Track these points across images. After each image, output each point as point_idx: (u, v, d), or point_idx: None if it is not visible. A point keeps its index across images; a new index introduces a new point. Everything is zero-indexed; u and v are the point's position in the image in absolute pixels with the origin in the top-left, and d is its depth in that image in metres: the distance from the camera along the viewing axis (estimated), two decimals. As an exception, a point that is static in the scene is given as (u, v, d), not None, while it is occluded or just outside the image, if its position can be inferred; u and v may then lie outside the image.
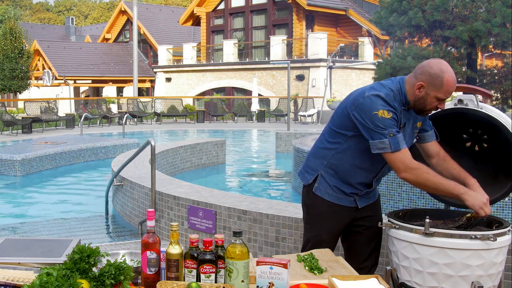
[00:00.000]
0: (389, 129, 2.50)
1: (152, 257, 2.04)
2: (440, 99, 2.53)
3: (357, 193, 2.78)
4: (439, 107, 2.57)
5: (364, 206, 2.84)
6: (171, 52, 31.15)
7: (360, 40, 25.59)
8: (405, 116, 2.62)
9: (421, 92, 2.54)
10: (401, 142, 2.50)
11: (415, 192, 5.88)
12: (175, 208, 5.29)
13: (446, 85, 2.49)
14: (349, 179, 2.75)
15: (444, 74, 2.48)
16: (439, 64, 2.49)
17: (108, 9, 72.68)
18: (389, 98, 2.55)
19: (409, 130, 2.67)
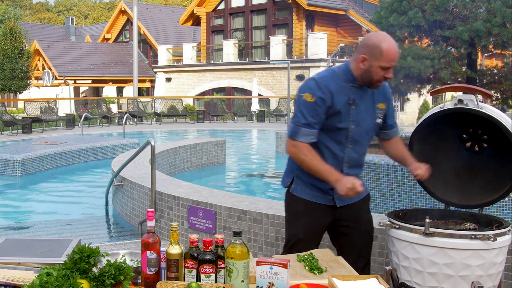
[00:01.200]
0: (299, 118, 2.60)
1: (152, 257, 2.04)
2: (384, 68, 2.56)
3: (333, 188, 2.68)
4: (386, 76, 2.59)
5: (344, 205, 2.79)
6: (171, 52, 31.15)
7: (360, 40, 25.58)
8: (356, 92, 2.65)
9: (364, 65, 2.58)
10: (300, 135, 2.59)
11: (415, 192, 5.88)
12: (175, 208, 5.29)
13: (386, 54, 2.54)
14: None
15: (382, 44, 2.54)
16: (377, 35, 2.59)
17: (108, 9, 72.69)
18: (322, 80, 2.61)
19: (363, 108, 2.68)
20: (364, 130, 2.70)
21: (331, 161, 2.67)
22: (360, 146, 2.73)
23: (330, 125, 2.63)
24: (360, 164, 2.79)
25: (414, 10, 7.95)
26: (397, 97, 10.90)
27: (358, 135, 2.68)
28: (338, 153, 2.68)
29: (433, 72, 7.99)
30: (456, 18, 7.94)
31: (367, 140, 2.77)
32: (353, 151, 2.71)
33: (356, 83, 2.65)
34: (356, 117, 2.65)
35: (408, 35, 8.45)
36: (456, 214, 3.04)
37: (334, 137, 2.65)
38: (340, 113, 2.61)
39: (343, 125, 2.63)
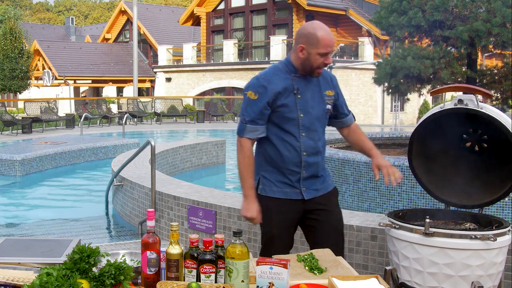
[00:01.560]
0: (244, 116, 2.73)
1: (152, 257, 2.04)
2: (322, 54, 2.66)
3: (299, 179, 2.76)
4: (325, 62, 2.68)
5: (312, 198, 2.82)
6: (171, 52, 31.14)
7: (360, 40, 25.59)
8: (299, 82, 2.74)
9: (303, 54, 2.68)
10: (246, 132, 2.72)
11: (415, 192, 5.88)
12: (175, 208, 5.29)
13: (322, 40, 2.64)
14: (283, 164, 2.77)
15: (317, 31, 2.65)
16: (312, 24, 2.70)
17: (108, 9, 72.68)
18: (264, 76, 2.73)
19: (310, 96, 2.76)
20: (314, 117, 2.77)
21: (289, 153, 2.74)
22: (314, 133, 2.78)
23: (280, 117, 2.72)
24: (318, 151, 2.81)
25: (414, 10, 7.94)
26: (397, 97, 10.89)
27: (308, 123, 2.75)
28: (294, 143, 2.74)
29: (433, 72, 7.99)
30: (456, 18, 7.93)
31: (321, 127, 2.83)
32: (308, 139, 2.76)
33: (298, 73, 2.75)
34: (304, 106, 2.74)
35: (408, 35, 8.44)
36: (456, 214, 3.04)
37: (287, 128, 2.73)
38: (286, 104, 2.70)
39: (292, 115, 2.71)
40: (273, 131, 2.75)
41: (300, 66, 2.73)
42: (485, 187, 2.99)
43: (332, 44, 2.67)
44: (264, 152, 2.81)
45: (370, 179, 6.30)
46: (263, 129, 2.74)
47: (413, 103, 23.39)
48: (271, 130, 2.76)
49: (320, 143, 2.82)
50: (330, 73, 2.92)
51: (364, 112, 24.95)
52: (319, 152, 2.82)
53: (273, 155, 2.78)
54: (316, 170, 2.81)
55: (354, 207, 6.39)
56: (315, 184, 2.83)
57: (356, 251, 4.03)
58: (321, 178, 2.86)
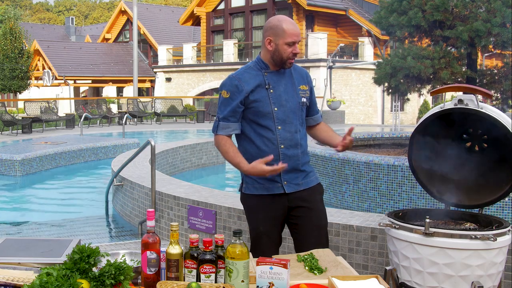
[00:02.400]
0: (218, 114, 2.84)
1: (152, 257, 2.04)
2: (289, 43, 2.74)
3: (280, 173, 2.78)
4: (294, 52, 2.76)
5: (294, 192, 2.84)
6: (171, 52, 31.14)
7: (360, 40, 25.58)
8: (271, 77, 2.82)
9: (272, 46, 2.77)
10: (219, 129, 2.83)
11: (415, 192, 5.88)
12: (175, 208, 5.29)
13: (288, 30, 2.74)
14: (261, 158, 2.75)
15: (281, 22, 2.75)
16: (275, 17, 2.81)
17: (108, 9, 72.69)
18: (235, 75, 2.82)
19: (283, 90, 2.82)
20: (288, 109, 2.82)
21: (266, 147, 2.80)
22: (289, 125, 2.82)
23: (254, 112, 2.80)
24: (297, 144, 2.85)
25: (414, 10, 7.94)
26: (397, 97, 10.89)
27: (283, 115, 2.81)
28: (271, 136, 2.80)
29: (433, 72, 7.99)
30: (456, 18, 7.93)
31: (296, 119, 2.85)
32: (284, 131, 2.81)
33: (269, 69, 2.83)
34: (277, 99, 2.80)
35: (408, 35, 8.44)
36: (456, 214, 3.04)
37: (262, 122, 2.80)
38: (259, 99, 2.78)
39: (266, 109, 2.79)
40: (249, 127, 2.83)
41: (270, 60, 2.81)
42: (485, 187, 2.99)
43: (297, 33, 2.75)
44: (244, 150, 2.86)
45: (370, 179, 6.30)
46: (235, 126, 2.83)
47: (413, 103, 23.40)
48: (247, 126, 2.84)
49: (298, 136, 2.85)
50: (305, 70, 3.01)
51: (364, 112, 24.95)
52: (298, 144, 2.86)
53: (252, 151, 2.83)
54: (296, 163, 2.85)
55: (354, 207, 6.39)
56: (297, 179, 2.86)
57: (356, 251, 4.03)
58: (303, 173, 2.89)
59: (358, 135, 9.36)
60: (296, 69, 2.94)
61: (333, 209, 4.83)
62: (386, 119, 25.16)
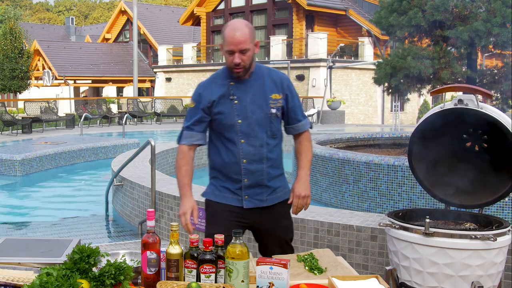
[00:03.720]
0: (184, 123, 2.73)
1: (152, 257, 2.04)
2: (228, 52, 2.57)
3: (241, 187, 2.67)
4: (234, 61, 2.56)
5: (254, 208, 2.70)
6: (171, 52, 31.14)
7: (360, 40, 25.58)
8: (237, 87, 2.65)
9: (223, 53, 2.63)
10: (182, 138, 2.72)
11: (415, 192, 5.88)
12: (175, 208, 5.29)
13: (227, 37, 2.55)
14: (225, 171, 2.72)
15: (226, 28, 2.58)
16: (229, 22, 2.62)
17: (108, 9, 72.69)
18: (201, 85, 2.71)
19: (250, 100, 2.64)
20: (253, 121, 2.64)
21: (229, 160, 2.69)
22: (254, 139, 2.65)
23: (219, 124, 2.68)
24: (261, 158, 2.67)
25: (414, 10, 7.94)
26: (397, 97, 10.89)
27: (247, 128, 2.64)
28: (234, 149, 2.67)
29: (433, 72, 7.99)
30: (456, 18, 7.94)
31: (262, 132, 2.66)
32: (247, 145, 2.65)
33: (235, 78, 2.66)
34: (242, 111, 2.63)
35: (408, 35, 8.44)
36: (456, 214, 3.04)
37: (227, 134, 2.67)
38: (222, 111, 2.64)
39: (229, 121, 2.64)
40: (216, 138, 2.74)
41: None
42: (485, 187, 2.99)
43: (234, 42, 2.53)
44: (210, 160, 2.81)
45: (370, 179, 6.30)
46: (199, 136, 2.70)
47: (413, 103, 23.40)
48: (214, 137, 2.75)
49: (264, 149, 2.67)
50: (283, 76, 2.78)
51: (364, 112, 24.95)
52: (263, 159, 2.67)
53: (216, 162, 2.76)
54: (259, 178, 2.67)
55: (354, 207, 6.39)
56: (261, 194, 2.70)
57: (356, 251, 4.03)
58: (269, 189, 2.71)
59: (358, 135, 9.36)
60: (271, 75, 2.72)
61: (333, 209, 4.83)
62: (386, 119, 25.16)
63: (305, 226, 4.25)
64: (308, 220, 4.24)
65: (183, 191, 2.69)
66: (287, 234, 2.84)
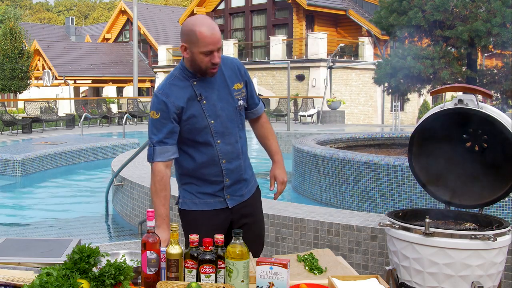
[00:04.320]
0: (151, 139, 2.46)
1: (152, 257, 2.04)
2: (205, 53, 2.37)
3: (223, 187, 2.58)
4: (213, 61, 2.39)
5: (236, 205, 2.62)
6: (171, 52, 31.14)
7: (360, 40, 25.59)
8: (201, 86, 2.48)
9: (188, 53, 2.42)
10: (155, 155, 2.45)
11: (415, 192, 5.88)
12: (175, 208, 5.29)
13: (202, 38, 2.34)
14: (203, 176, 2.57)
15: (196, 28, 2.35)
16: (191, 20, 2.40)
17: (108, 9, 72.70)
18: (161, 91, 2.47)
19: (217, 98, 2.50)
20: (225, 119, 2.53)
21: (207, 164, 2.53)
22: (229, 136, 2.55)
23: (190, 129, 2.49)
24: (238, 154, 2.59)
25: (414, 10, 7.95)
26: (397, 97, 10.90)
27: (221, 127, 2.52)
28: (211, 152, 2.52)
29: (433, 72, 8.00)
30: (456, 18, 7.94)
31: (234, 127, 2.57)
32: (224, 144, 2.54)
33: (196, 77, 2.48)
34: (212, 110, 2.49)
35: (408, 35, 8.45)
36: (456, 214, 3.04)
37: (200, 139, 2.50)
38: (193, 114, 2.47)
39: (202, 124, 2.48)
40: (187, 144, 2.53)
41: (191, 68, 2.46)
42: (485, 187, 2.99)
43: (214, 41, 2.36)
44: (181, 167, 2.59)
45: (370, 179, 6.30)
46: (174, 149, 2.49)
47: (413, 103, 23.39)
48: (184, 143, 2.53)
49: (239, 145, 2.60)
50: (236, 61, 2.62)
51: (364, 112, 24.95)
52: (240, 154, 2.60)
53: (191, 168, 2.56)
54: (239, 174, 2.61)
55: (354, 207, 6.39)
56: (240, 190, 2.64)
57: (356, 251, 4.03)
58: (246, 182, 2.66)
59: (358, 135, 9.36)
60: (227, 64, 2.55)
61: (333, 209, 4.83)
62: (386, 119, 25.16)
63: (305, 226, 4.26)
64: (308, 220, 4.24)
65: (160, 222, 2.42)
66: (262, 229, 2.80)
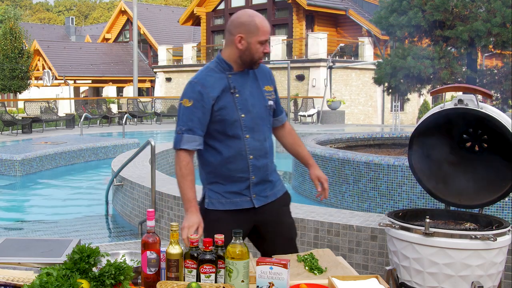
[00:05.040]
0: (180, 126, 2.48)
1: (152, 257, 2.04)
2: (262, 42, 2.48)
3: (249, 185, 2.57)
4: (265, 51, 2.50)
5: (263, 206, 2.61)
6: (171, 52, 31.15)
7: (360, 40, 25.58)
8: (236, 80, 2.53)
9: (242, 44, 2.48)
10: (183, 142, 2.47)
11: (415, 192, 5.88)
12: (175, 208, 5.29)
13: (261, 27, 2.48)
14: (229, 171, 2.56)
15: (254, 18, 2.48)
16: (245, 12, 2.52)
17: (108, 9, 72.69)
18: (196, 80, 2.50)
19: (249, 93, 2.55)
20: (256, 115, 2.56)
21: (234, 158, 2.53)
22: (258, 133, 2.57)
23: (219, 121, 2.50)
24: (266, 153, 2.60)
25: (414, 10, 7.95)
26: (397, 97, 10.90)
27: (251, 122, 2.54)
28: (238, 146, 2.52)
29: (433, 72, 8.00)
30: (456, 18, 7.94)
31: (264, 125, 2.60)
32: (252, 140, 2.54)
33: (233, 71, 2.53)
34: (244, 105, 2.53)
35: (408, 35, 8.45)
36: (456, 214, 3.04)
37: (229, 131, 2.51)
38: (225, 106, 2.49)
39: (232, 116, 2.50)
40: (214, 137, 2.54)
41: (237, 60, 2.51)
42: (485, 187, 2.99)
43: (269, 31, 2.52)
44: (207, 164, 2.58)
45: (370, 179, 6.30)
46: (201, 140, 2.50)
47: (413, 103, 23.39)
48: (212, 136, 2.54)
49: (267, 144, 2.61)
50: (267, 67, 2.72)
51: (364, 112, 24.95)
52: (267, 153, 2.61)
53: (217, 164, 2.55)
54: (265, 174, 2.61)
55: (354, 207, 6.39)
56: (265, 191, 2.63)
57: (356, 251, 4.03)
58: (271, 183, 2.66)
59: (358, 135, 9.36)
60: (259, 67, 2.63)
61: (333, 209, 4.83)
62: (386, 119, 25.16)
63: (305, 226, 4.26)
64: (308, 220, 4.24)
65: (189, 206, 2.50)
66: (293, 231, 2.79)
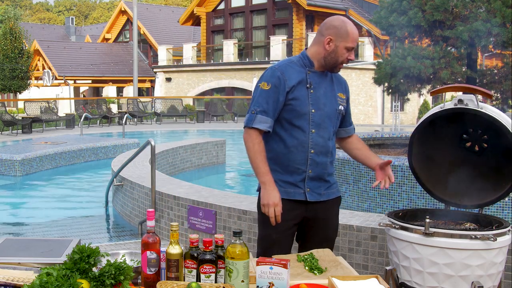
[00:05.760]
0: (255, 106, 2.62)
1: (152, 257, 2.04)
2: (349, 48, 2.65)
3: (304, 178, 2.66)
4: (349, 58, 2.67)
5: (314, 202, 2.69)
6: (171, 52, 31.13)
7: (360, 40, 25.58)
8: (313, 77, 2.67)
9: (330, 46, 2.63)
10: (256, 121, 2.60)
11: (415, 192, 5.88)
12: (175, 208, 5.29)
13: (352, 33, 2.63)
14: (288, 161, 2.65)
15: (347, 24, 2.63)
16: (339, 17, 2.68)
17: (108, 9, 72.69)
18: (278, 67, 2.65)
19: (323, 93, 2.68)
20: (325, 114, 2.67)
21: (295, 149, 2.63)
22: (324, 130, 2.67)
23: (290, 110, 2.62)
24: (327, 151, 2.70)
25: (414, 10, 7.94)
26: (397, 97, 10.90)
27: (319, 119, 2.65)
28: (303, 138, 2.63)
29: (433, 72, 7.99)
30: (456, 18, 7.94)
31: (331, 126, 2.71)
32: (317, 136, 2.65)
33: (313, 68, 2.69)
34: (316, 101, 2.65)
35: (408, 35, 8.44)
36: (456, 214, 3.04)
37: (297, 122, 2.63)
38: (298, 97, 2.62)
39: (303, 109, 2.62)
40: (281, 125, 2.65)
41: (321, 60, 2.66)
42: (485, 187, 2.99)
43: (357, 39, 2.66)
44: (270, 150, 2.67)
45: (370, 179, 6.30)
46: (271, 123, 2.62)
47: (413, 103, 23.40)
48: (279, 124, 2.66)
49: (330, 143, 2.72)
50: (344, 80, 2.90)
51: (364, 112, 24.95)
52: (328, 152, 2.71)
53: (279, 151, 2.66)
54: (322, 171, 2.69)
55: (354, 207, 6.39)
56: (320, 188, 2.71)
57: (356, 251, 4.03)
58: (327, 183, 2.74)
59: (358, 135, 9.35)
60: (336, 76, 2.80)
61: (333, 209, 4.82)
62: (386, 119, 25.16)
63: (305, 226, 4.25)
64: (308, 220, 4.24)
65: (266, 179, 2.57)
66: (334, 233, 2.84)
